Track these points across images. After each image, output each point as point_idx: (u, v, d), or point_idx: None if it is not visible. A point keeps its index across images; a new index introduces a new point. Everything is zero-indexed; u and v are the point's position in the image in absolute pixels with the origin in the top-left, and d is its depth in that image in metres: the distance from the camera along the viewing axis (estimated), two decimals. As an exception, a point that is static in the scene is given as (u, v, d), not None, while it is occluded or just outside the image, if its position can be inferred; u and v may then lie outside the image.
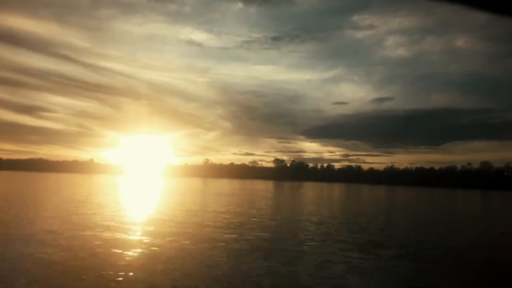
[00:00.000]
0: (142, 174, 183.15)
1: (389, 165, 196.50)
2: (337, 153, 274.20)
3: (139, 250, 14.18)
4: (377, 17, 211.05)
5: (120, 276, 10.58)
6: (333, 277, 11.41)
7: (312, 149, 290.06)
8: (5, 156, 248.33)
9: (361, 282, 11.22)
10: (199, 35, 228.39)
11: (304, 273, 11.85)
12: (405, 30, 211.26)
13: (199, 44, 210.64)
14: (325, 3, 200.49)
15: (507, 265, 14.72)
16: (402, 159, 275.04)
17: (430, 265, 13.52)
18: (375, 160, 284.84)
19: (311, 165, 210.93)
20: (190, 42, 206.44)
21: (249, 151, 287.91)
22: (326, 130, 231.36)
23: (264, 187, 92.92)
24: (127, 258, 12.81)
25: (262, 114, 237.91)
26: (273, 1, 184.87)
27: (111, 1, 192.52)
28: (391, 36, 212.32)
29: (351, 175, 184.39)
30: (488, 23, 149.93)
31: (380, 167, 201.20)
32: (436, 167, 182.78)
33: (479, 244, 20.01)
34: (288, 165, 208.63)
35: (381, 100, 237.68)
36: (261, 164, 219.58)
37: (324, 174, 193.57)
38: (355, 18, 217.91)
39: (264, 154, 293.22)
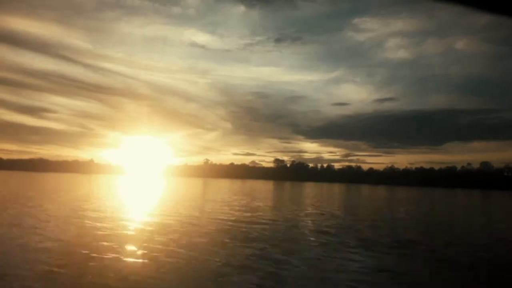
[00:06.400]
0: (142, 174, 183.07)
1: (389, 165, 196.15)
2: (337, 153, 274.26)
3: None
4: (378, 19, 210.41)
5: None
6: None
7: (312, 149, 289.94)
8: (5, 156, 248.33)
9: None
10: (202, 37, 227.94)
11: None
12: (405, 32, 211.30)
13: (202, 46, 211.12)
14: (326, 7, 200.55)
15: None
16: (402, 159, 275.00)
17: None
18: (375, 160, 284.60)
19: (311, 165, 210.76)
20: (193, 44, 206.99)
21: (250, 151, 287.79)
22: (326, 131, 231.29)
23: (265, 187, 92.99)
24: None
25: (263, 114, 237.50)
26: (275, 4, 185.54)
27: (115, 4, 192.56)
28: (392, 38, 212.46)
29: (351, 175, 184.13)
30: (488, 25, 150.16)
31: (380, 167, 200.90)
32: (436, 167, 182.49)
33: None
34: (288, 165, 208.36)
35: (382, 101, 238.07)
36: (261, 164, 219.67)
37: (324, 174, 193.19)
38: (356, 20, 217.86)
39: (264, 154, 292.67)
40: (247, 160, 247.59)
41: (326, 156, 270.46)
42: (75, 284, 9.47)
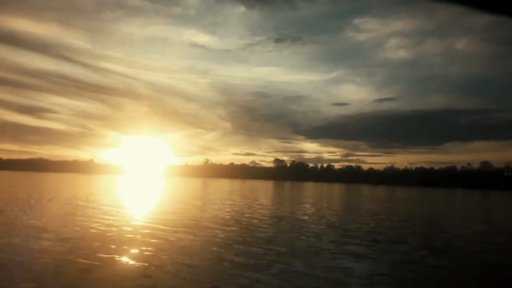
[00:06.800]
0: (142, 174, 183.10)
1: (389, 165, 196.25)
2: (337, 153, 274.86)
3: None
4: (378, 20, 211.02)
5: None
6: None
7: (312, 149, 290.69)
8: (5, 156, 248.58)
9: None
10: (202, 38, 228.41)
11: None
12: (405, 32, 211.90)
13: (202, 47, 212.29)
14: (326, 7, 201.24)
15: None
16: (402, 159, 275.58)
17: None
18: (375, 160, 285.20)
19: (311, 165, 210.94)
20: (193, 44, 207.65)
21: (250, 151, 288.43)
22: (326, 131, 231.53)
23: (264, 189, 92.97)
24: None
25: (263, 114, 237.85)
26: (275, 4, 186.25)
27: (116, 4, 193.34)
28: (392, 38, 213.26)
29: (351, 175, 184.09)
30: (488, 25, 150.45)
31: (380, 167, 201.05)
32: (436, 167, 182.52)
33: None
34: (288, 165, 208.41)
35: (382, 101, 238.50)
36: (261, 164, 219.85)
37: (324, 174, 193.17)
38: (356, 21, 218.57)
39: (264, 154, 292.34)
40: (247, 160, 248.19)
41: (326, 156, 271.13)
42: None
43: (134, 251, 13.22)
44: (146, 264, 11.34)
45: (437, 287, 11.08)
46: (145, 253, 12.89)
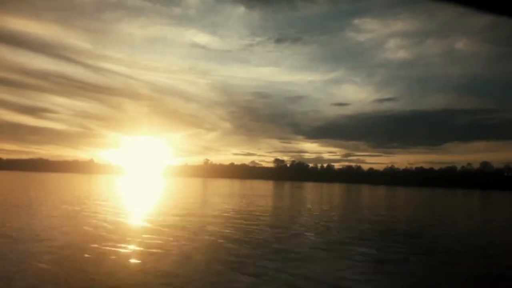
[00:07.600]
0: (142, 174, 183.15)
1: (389, 165, 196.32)
2: (337, 153, 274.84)
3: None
4: (378, 20, 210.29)
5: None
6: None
7: (312, 149, 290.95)
8: (5, 156, 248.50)
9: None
10: (202, 38, 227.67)
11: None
12: (405, 32, 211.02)
13: (202, 47, 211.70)
14: (326, 7, 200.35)
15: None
16: (402, 159, 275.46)
17: None
18: (375, 160, 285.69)
19: (311, 165, 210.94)
20: (193, 45, 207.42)
21: (250, 151, 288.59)
22: (326, 131, 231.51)
23: (263, 189, 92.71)
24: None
25: (263, 114, 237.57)
26: (275, 5, 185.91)
27: (117, 5, 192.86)
28: (392, 39, 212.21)
29: (351, 175, 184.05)
30: (488, 25, 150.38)
31: (380, 167, 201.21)
32: (436, 167, 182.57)
33: None
34: (288, 165, 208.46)
35: (382, 101, 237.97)
36: (261, 164, 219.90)
37: (324, 174, 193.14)
38: (356, 21, 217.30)
39: (264, 154, 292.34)
40: (247, 160, 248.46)
41: (326, 156, 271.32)
42: None
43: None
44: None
45: None
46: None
